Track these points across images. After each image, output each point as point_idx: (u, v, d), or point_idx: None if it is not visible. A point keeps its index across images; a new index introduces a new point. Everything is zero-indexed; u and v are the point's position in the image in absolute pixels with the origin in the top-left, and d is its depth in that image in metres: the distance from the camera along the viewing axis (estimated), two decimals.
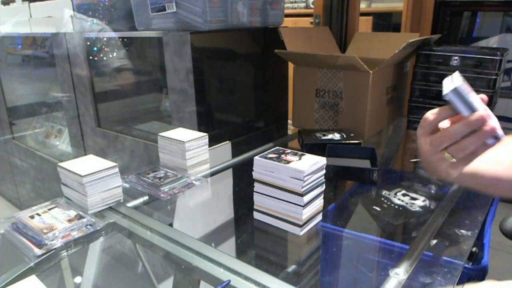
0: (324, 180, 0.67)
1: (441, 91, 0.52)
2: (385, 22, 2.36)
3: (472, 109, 0.50)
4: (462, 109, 0.51)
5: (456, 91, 0.50)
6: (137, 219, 0.71)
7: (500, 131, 0.51)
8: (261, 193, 0.67)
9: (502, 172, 0.60)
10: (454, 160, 0.54)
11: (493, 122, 0.50)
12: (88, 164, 0.74)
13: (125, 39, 1.43)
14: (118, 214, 0.73)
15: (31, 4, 1.66)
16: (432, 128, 0.56)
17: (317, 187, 0.66)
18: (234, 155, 1.10)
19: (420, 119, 0.57)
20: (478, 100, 0.51)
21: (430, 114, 0.55)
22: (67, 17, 1.42)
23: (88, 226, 0.67)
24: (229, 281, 0.53)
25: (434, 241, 0.63)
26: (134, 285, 1.05)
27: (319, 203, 0.68)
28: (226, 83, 1.18)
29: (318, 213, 0.69)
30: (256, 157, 0.66)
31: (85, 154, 0.99)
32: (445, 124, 0.56)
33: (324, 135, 1.03)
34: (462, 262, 0.58)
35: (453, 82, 0.52)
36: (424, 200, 0.79)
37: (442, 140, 0.54)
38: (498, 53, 1.00)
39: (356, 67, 1.01)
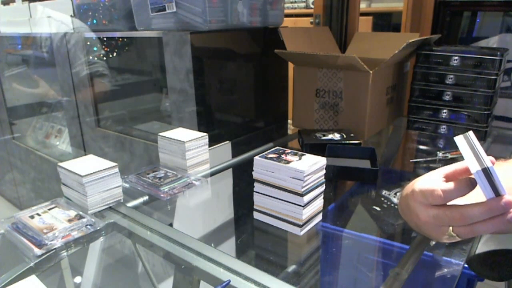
0: (324, 180, 0.67)
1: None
2: (385, 22, 2.35)
3: (497, 192, 0.44)
4: (486, 190, 0.44)
5: (487, 172, 0.44)
6: (137, 219, 0.71)
7: None
8: (261, 193, 0.67)
9: None
10: (459, 238, 0.48)
11: None
12: (88, 164, 0.74)
13: (125, 39, 1.43)
14: (118, 214, 0.73)
15: (31, 4, 1.66)
16: (440, 203, 0.48)
17: (317, 187, 0.66)
18: (234, 155, 1.10)
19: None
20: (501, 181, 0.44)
21: (441, 190, 0.46)
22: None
23: (88, 226, 0.67)
24: (229, 281, 0.53)
25: (434, 241, 0.63)
26: (134, 285, 1.05)
27: (319, 203, 0.68)
28: (226, 83, 1.18)
29: (318, 213, 0.69)
30: (256, 157, 0.66)
31: (85, 154, 0.99)
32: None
33: (324, 135, 1.03)
34: (462, 262, 0.58)
35: (477, 155, 0.45)
36: None
37: (454, 221, 0.46)
38: (498, 53, 1.00)
39: (356, 67, 1.01)
